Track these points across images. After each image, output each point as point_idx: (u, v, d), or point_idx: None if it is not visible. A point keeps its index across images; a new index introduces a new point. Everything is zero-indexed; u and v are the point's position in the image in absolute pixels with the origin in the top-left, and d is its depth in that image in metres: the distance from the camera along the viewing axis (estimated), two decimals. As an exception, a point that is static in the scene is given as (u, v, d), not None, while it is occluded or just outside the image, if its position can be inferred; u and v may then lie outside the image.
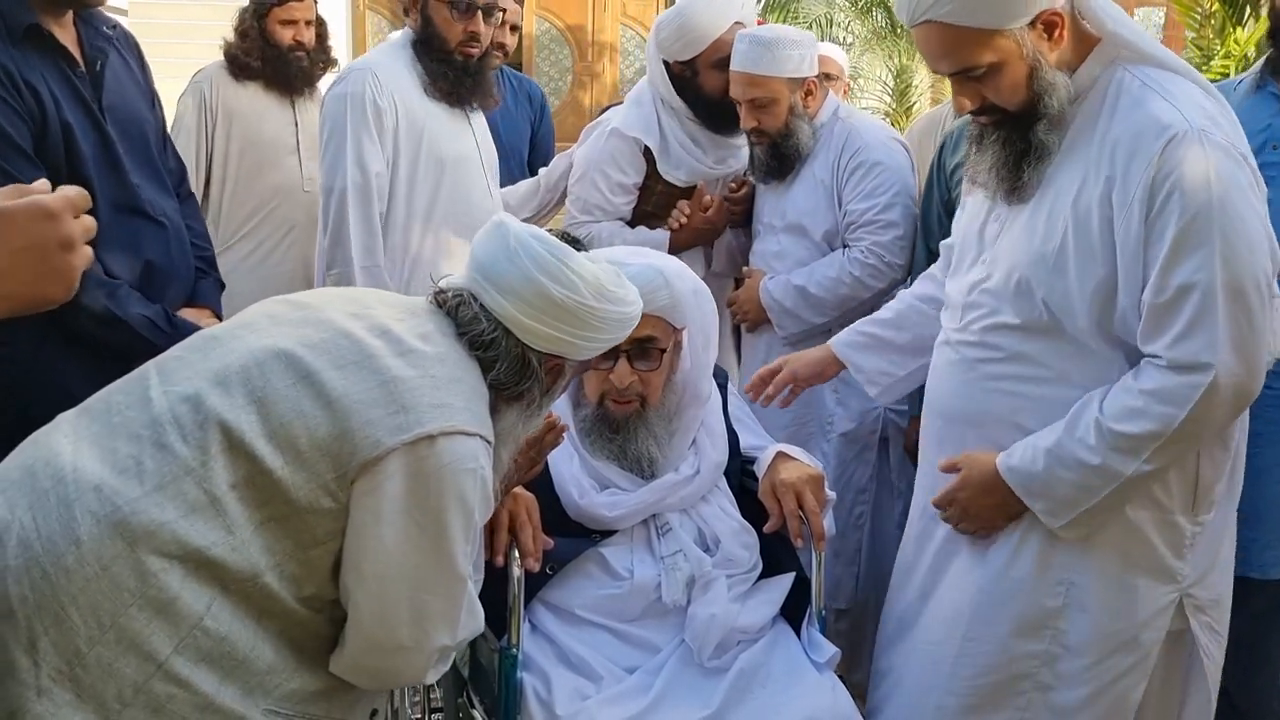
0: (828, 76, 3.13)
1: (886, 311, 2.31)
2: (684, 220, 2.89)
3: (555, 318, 1.59)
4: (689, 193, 2.95)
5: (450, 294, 1.63)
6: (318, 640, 1.53)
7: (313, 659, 1.52)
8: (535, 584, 1.96)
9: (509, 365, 1.60)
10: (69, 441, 1.44)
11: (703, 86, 2.85)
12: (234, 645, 1.41)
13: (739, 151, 2.96)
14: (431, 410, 1.47)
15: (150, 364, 1.56)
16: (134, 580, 1.35)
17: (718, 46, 2.80)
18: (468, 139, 2.90)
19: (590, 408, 2.06)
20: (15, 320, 2.09)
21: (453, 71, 2.81)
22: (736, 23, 2.80)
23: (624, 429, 2.03)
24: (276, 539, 1.43)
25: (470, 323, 1.59)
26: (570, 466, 2.05)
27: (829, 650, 1.96)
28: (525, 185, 3.27)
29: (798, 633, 2.03)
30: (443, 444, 1.47)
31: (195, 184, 3.00)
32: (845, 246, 2.74)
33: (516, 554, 1.88)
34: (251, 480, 1.42)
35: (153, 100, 2.50)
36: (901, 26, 8.74)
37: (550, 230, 1.69)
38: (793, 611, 2.06)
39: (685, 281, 2.09)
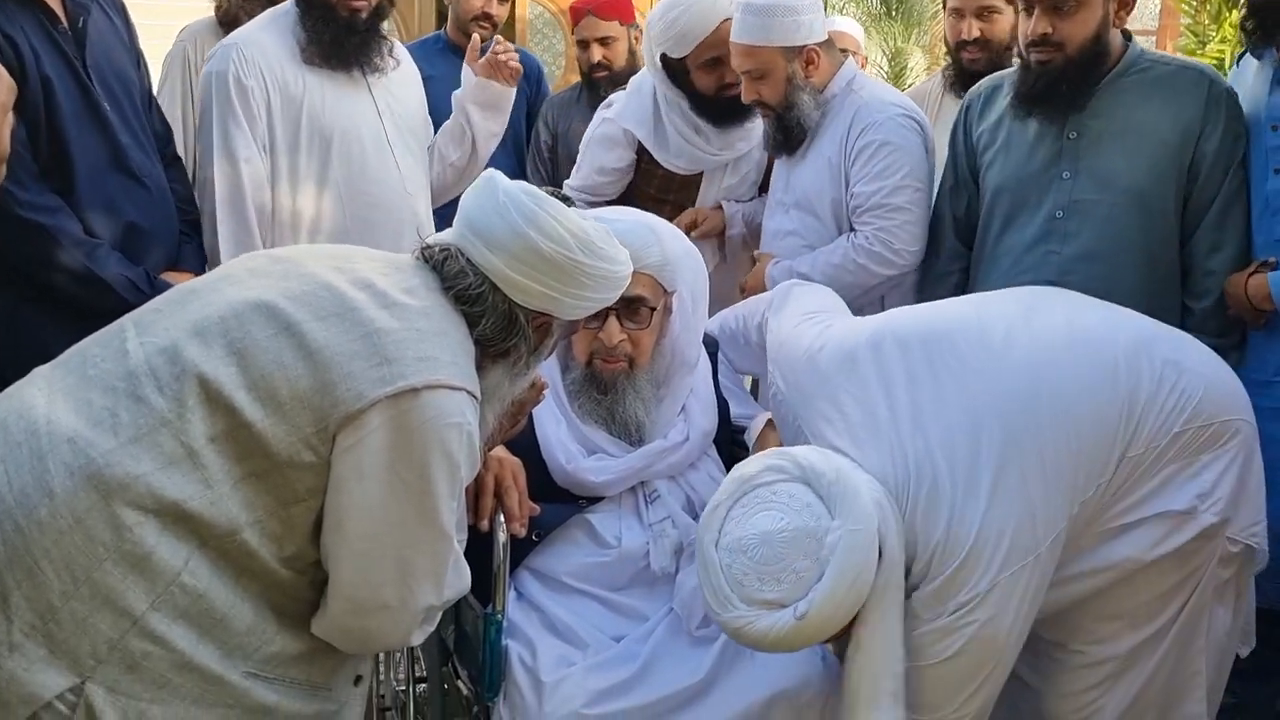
0: (843, 52, 3.06)
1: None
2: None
3: (543, 273, 1.56)
4: (695, 178, 2.92)
5: (437, 249, 1.60)
6: (299, 603, 1.50)
7: (294, 622, 1.50)
8: (521, 551, 1.94)
9: (495, 321, 1.57)
10: (43, 394, 1.42)
11: (694, 85, 2.79)
12: (212, 603, 1.39)
13: (750, 134, 2.88)
14: (416, 363, 1.45)
15: (127, 317, 1.53)
16: (108, 534, 1.33)
17: (706, 47, 2.73)
18: (362, 107, 2.65)
19: (579, 369, 2.03)
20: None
21: (331, 32, 2.57)
22: (727, 20, 2.69)
23: (612, 390, 2.00)
24: (256, 494, 1.41)
25: (456, 276, 1.56)
26: (558, 431, 2.01)
27: None
28: (450, 124, 2.96)
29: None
30: (427, 397, 1.44)
31: (182, 153, 2.86)
32: (852, 230, 2.63)
33: (502, 519, 1.85)
34: (231, 434, 1.39)
35: (138, 60, 2.47)
36: (897, 9, 8.70)
37: (543, 187, 1.65)
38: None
39: (678, 242, 2.06)
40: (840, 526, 1.57)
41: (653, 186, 2.96)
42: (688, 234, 2.64)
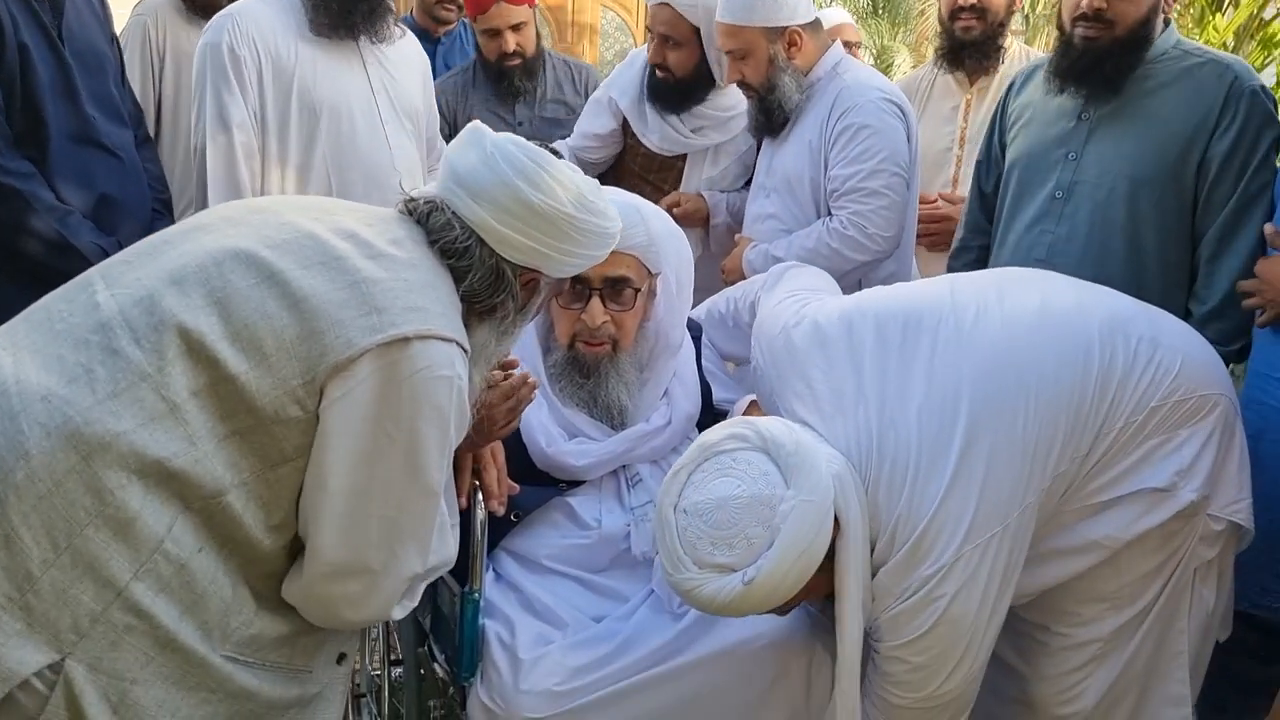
0: (847, 44, 3.07)
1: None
2: None
3: (532, 226, 1.52)
4: (677, 162, 2.92)
5: (421, 201, 1.56)
6: (280, 581, 1.46)
7: (274, 604, 1.45)
8: (499, 531, 1.91)
9: (482, 276, 1.53)
10: (7, 353, 1.34)
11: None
12: (193, 575, 1.33)
13: (725, 124, 2.88)
14: (406, 312, 1.40)
15: (93, 270, 1.46)
16: (89, 497, 1.27)
17: (649, 13, 2.80)
18: (355, 82, 2.65)
19: (561, 351, 1.99)
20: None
21: (339, 1, 2.58)
22: (663, 3, 2.73)
23: (595, 373, 1.97)
24: (242, 455, 1.35)
25: (442, 230, 1.52)
26: (539, 414, 1.98)
27: None
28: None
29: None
30: (417, 347, 1.39)
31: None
32: (829, 214, 2.62)
33: (480, 496, 1.81)
34: (214, 387, 1.34)
35: (111, 37, 2.46)
36: (883, 7, 8.71)
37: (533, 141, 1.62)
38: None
39: (663, 223, 2.04)
40: (794, 496, 1.58)
41: (636, 164, 2.98)
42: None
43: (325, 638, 1.54)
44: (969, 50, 3.03)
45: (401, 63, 2.77)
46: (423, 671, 2.03)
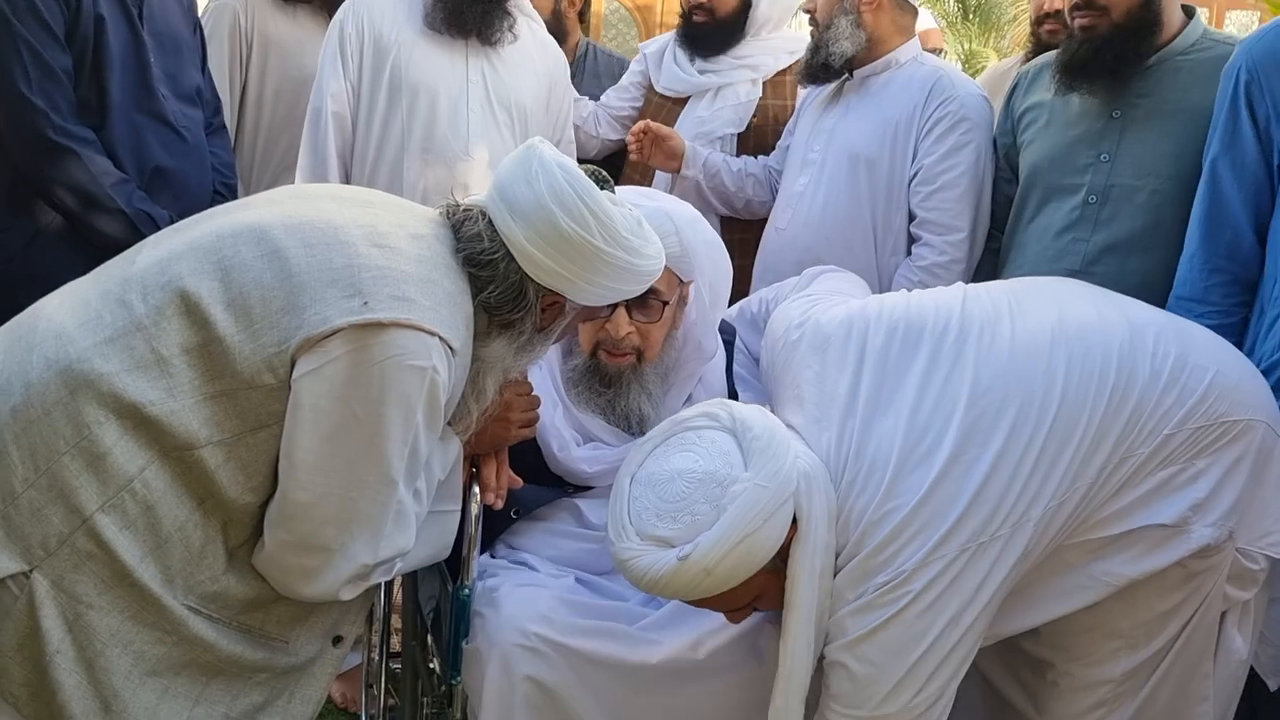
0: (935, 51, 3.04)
1: None
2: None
3: (559, 251, 1.54)
4: (675, 110, 2.97)
5: (460, 208, 1.60)
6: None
7: (247, 565, 1.49)
8: (498, 527, 1.87)
9: (504, 291, 1.56)
10: (59, 296, 1.52)
11: None
12: (160, 520, 1.40)
13: (734, 70, 2.93)
14: (391, 301, 1.44)
15: (153, 235, 1.61)
16: (70, 428, 1.37)
17: None
18: (451, 69, 2.74)
19: (582, 358, 1.93)
20: (5, 218, 2.12)
21: (455, 1, 2.69)
22: None
23: (616, 384, 1.91)
24: (226, 415, 1.42)
25: (471, 240, 1.56)
26: (553, 416, 1.92)
27: None
28: None
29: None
30: (394, 334, 1.43)
31: (229, 117, 2.87)
32: (910, 213, 2.53)
33: (476, 489, 1.75)
34: (205, 348, 1.42)
35: (194, 25, 2.51)
36: (974, 11, 8.49)
37: (583, 166, 1.61)
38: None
39: (698, 232, 1.96)
40: (749, 479, 1.53)
41: (647, 114, 3.02)
42: (637, 140, 2.76)
43: (308, 612, 1.55)
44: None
45: (515, 60, 2.83)
46: (420, 666, 1.99)
